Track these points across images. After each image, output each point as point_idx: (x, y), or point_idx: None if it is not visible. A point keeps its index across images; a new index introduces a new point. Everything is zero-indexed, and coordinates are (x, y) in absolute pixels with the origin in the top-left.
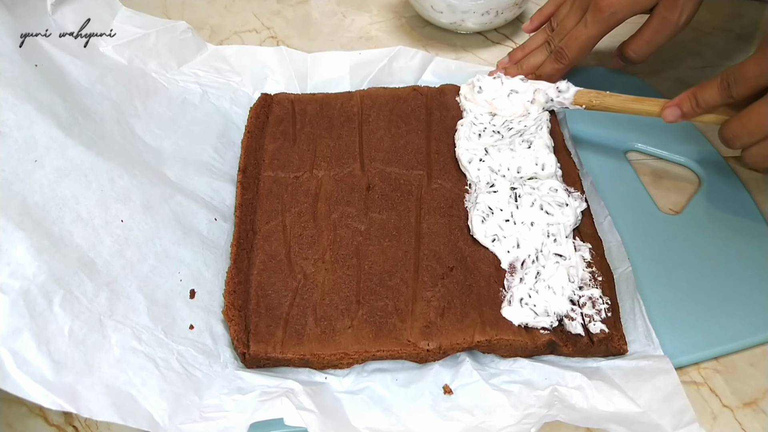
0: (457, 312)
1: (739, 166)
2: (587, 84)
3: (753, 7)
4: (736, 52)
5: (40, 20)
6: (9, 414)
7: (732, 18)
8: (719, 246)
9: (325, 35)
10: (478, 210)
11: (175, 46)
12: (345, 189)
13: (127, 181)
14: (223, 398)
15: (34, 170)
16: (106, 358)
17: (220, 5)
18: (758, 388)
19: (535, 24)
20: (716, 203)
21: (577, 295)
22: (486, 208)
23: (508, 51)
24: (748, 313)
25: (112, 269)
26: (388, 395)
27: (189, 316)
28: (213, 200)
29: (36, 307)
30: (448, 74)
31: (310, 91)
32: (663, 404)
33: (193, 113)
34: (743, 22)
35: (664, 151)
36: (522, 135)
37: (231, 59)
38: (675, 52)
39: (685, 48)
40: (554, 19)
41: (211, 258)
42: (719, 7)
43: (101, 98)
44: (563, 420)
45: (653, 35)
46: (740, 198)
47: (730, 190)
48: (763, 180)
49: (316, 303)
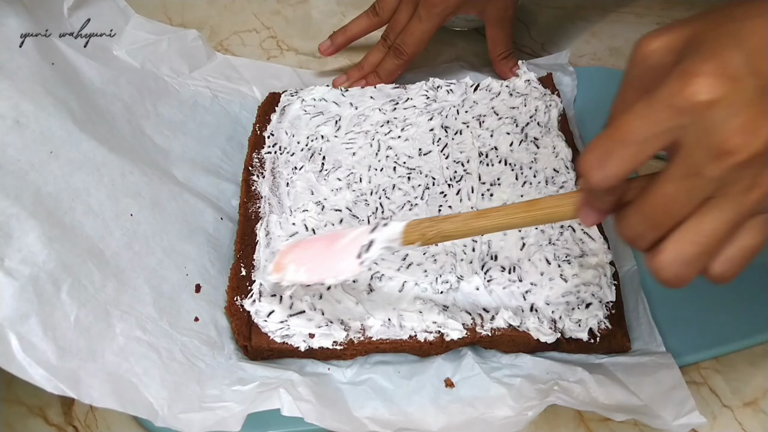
0: None
1: None
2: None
3: None
4: None
5: (57, 23)
6: (9, 414)
7: None
8: None
9: (325, 35)
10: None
11: (186, 52)
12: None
13: (138, 177)
14: (224, 389)
15: (49, 161)
16: (110, 346)
17: (220, 5)
18: (758, 388)
19: (337, 46)
20: None
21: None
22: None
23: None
24: (748, 313)
25: (120, 261)
26: (390, 387)
27: (194, 309)
28: (219, 201)
29: (44, 293)
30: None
31: None
32: (664, 397)
33: (203, 116)
34: None
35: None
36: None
37: (240, 69)
38: None
39: None
40: (379, 7)
41: (216, 256)
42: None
43: (113, 99)
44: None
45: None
46: None
47: None
48: None
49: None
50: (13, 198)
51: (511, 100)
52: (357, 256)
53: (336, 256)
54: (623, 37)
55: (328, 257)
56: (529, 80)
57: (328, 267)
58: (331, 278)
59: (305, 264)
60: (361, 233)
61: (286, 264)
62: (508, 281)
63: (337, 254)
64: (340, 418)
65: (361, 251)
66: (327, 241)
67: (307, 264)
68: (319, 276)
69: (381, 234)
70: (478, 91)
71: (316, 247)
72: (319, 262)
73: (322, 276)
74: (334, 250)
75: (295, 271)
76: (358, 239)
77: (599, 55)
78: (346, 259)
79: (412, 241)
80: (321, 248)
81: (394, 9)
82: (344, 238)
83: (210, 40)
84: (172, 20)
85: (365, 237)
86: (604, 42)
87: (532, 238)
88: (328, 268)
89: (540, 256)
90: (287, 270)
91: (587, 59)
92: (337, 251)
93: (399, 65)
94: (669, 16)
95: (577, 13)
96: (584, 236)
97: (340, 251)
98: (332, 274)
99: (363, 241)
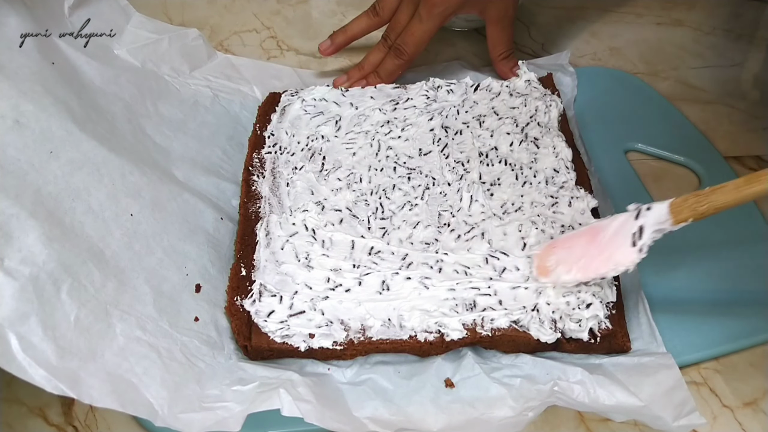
0: None
1: (739, 166)
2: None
3: (753, 7)
4: (736, 52)
5: (58, 23)
6: (9, 414)
7: (732, 18)
8: (719, 246)
9: (325, 35)
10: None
11: (187, 51)
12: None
13: (138, 177)
14: (224, 389)
15: (50, 161)
16: (110, 346)
17: (220, 5)
18: (758, 388)
19: (337, 46)
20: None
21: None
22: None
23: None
24: (748, 313)
25: (120, 260)
26: (390, 387)
27: (194, 309)
28: (219, 200)
29: (44, 293)
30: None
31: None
32: (664, 398)
33: (203, 116)
34: (743, 22)
35: (664, 151)
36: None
37: (241, 68)
38: (675, 52)
39: (685, 48)
40: (380, 7)
41: (216, 256)
42: (719, 7)
43: (114, 98)
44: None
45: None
46: None
47: None
48: None
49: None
50: (13, 198)
51: (512, 100)
52: (632, 244)
53: (607, 248)
54: (623, 37)
55: (600, 252)
56: (529, 80)
57: (604, 260)
58: (612, 271)
59: (575, 263)
60: (624, 221)
61: (552, 266)
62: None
63: (607, 247)
64: (340, 418)
65: (635, 239)
66: (588, 237)
67: (578, 263)
68: (596, 272)
69: (648, 218)
70: (478, 91)
71: (579, 243)
72: (591, 258)
73: (600, 271)
74: (602, 244)
75: (567, 272)
76: (625, 227)
77: (599, 55)
78: (621, 248)
79: (684, 218)
80: (585, 244)
81: (394, 9)
82: (607, 231)
83: (210, 40)
84: (173, 20)
85: (632, 224)
86: (604, 42)
87: (533, 239)
88: (604, 261)
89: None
90: (557, 272)
91: (587, 59)
92: (605, 244)
93: (399, 65)
94: (669, 16)
95: (577, 13)
96: None
97: (610, 243)
98: (611, 267)
99: (632, 228)
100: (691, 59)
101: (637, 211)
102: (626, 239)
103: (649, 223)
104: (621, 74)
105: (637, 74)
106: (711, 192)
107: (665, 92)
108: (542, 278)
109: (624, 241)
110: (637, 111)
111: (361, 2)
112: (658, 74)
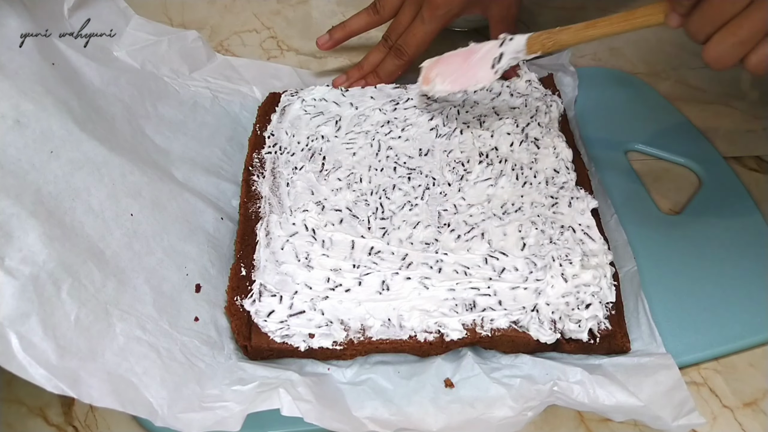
0: None
1: (739, 166)
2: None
3: None
4: None
5: (58, 23)
6: (9, 414)
7: None
8: (719, 246)
9: None
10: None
11: (186, 53)
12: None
13: (138, 177)
14: (224, 389)
15: (50, 161)
16: (110, 346)
17: (221, 5)
18: (758, 389)
19: (335, 41)
20: (716, 203)
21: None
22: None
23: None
24: (748, 313)
25: (121, 260)
26: (389, 387)
27: (194, 309)
28: (219, 201)
29: (44, 292)
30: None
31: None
32: (664, 398)
33: (203, 116)
34: None
35: (664, 151)
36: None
37: (240, 69)
38: (675, 52)
39: (685, 48)
40: (380, 5)
41: (216, 256)
42: None
43: (114, 99)
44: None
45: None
46: (740, 198)
47: (730, 190)
48: (763, 180)
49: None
50: (14, 198)
51: (512, 100)
52: (491, 66)
53: (473, 68)
54: (623, 37)
55: (467, 69)
56: (529, 80)
57: (469, 77)
58: (472, 86)
59: (449, 76)
60: (491, 47)
61: (433, 77)
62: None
63: (473, 67)
64: (339, 418)
65: (494, 62)
66: (464, 56)
67: (451, 76)
68: (461, 85)
69: (508, 47)
70: (478, 91)
71: (455, 61)
72: (461, 74)
73: (464, 85)
74: (471, 64)
75: (442, 82)
76: (490, 53)
77: (600, 56)
78: (482, 70)
79: (535, 50)
80: (460, 62)
81: (395, 8)
82: (478, 53)
83: (210, 40)
84: (173, 21)
85: (495, 50)
86: (605, 42)
87: (532, 239)
88: (469, 78)
89: (541, 256)
90: (435, 82)
91: (588, 59)
92: (473, 64)
93: (399, 66)
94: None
95: (577, 13)
96: (584, 237)
97: (476, 64)
98: (472, 83)
99: (494, 54)
100: (691, 59)
101: (503, 40)
102: (488, 62)
103: (508, 51)
104: (621, 74)
105: (637, 74)
106: (558, 32)
107: (665, 92)
108: (424, 87)
109: (486, 64)
110: (637, 111)
111: (361, 2)
112: (658, 74)
